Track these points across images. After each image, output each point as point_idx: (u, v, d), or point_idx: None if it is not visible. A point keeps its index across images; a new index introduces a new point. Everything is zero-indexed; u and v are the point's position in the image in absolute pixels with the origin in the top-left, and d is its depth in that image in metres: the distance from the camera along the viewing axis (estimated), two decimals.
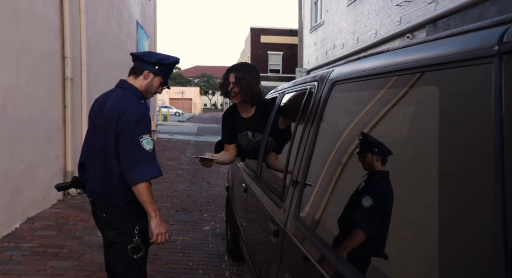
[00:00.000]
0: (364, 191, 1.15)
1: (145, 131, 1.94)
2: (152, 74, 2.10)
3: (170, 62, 2.13)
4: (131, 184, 1.91)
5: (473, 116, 0.75)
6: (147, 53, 2.12)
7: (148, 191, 1.93)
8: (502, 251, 0.63)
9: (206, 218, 4.89)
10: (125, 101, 1.99)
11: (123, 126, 1.91)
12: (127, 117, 1.92)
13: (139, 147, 1.91)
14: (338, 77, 1.52)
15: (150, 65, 2.09)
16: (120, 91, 2.07)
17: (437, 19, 7.58)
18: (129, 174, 1.90)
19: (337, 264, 1.11)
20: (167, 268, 3.35)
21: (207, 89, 64.03)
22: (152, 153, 1.96)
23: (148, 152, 1.93)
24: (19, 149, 4.06)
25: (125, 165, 1.91)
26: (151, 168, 1.93)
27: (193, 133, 17.68)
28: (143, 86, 2.11)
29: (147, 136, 1.94)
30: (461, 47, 0.82)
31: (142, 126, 1.93)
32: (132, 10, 9.04)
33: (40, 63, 4.48)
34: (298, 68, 15.18)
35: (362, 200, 1.12)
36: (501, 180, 0.65)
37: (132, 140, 1.90)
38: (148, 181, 1.92)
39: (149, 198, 1.95)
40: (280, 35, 33.70)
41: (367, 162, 1.16)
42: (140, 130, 1.92)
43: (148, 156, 1.93)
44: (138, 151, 1.90)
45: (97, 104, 2.11)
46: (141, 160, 1.90)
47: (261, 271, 2.05)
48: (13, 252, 3.42)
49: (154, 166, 1.96)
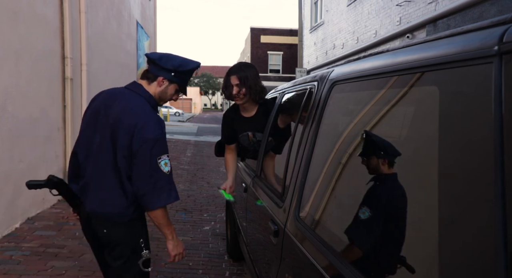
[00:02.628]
0: (369, 199, 1.07)
1: (163, 152, 1.76)
2: (167, 81, 1.90)
3: (188, 69, 1.93)
4: (147, 209, 1.79)
5: (473, 116, 0.75)
6: (163, 57, 1.89)
7: (165, 215, 1.80)
8: (502, 251, 0.63)
9: (206, 218, 4.89)
10: (140, 113, 1.78)
11: (140, 145, 1.72)
12: (144, 135, 1.72)
13: (157, 169, 1.73)
14: (338, 77, 1.52)
15: (166, 71, 1.88)
16: (133, 96, 1.85)
17: (437, 19, 7.58)
18: (146, 199, 1.75)
19: (337, 264, 1.11)
20: (167, 268, 3.35)
21: (207, 89, 64.02)
22: (170, 175, 1.79)
23: (166, 175, 1.76)
24: (19, 149, 4.06)
25: (141, 188, 1.74)
26: (169, 193, 1.77)
27: (193, 133, 17.68)
28: (157, 93, 1.91)
29: (165, 157, 1.76)
30: (461, 47, 0.82)
31: (161, 146, 1.76)
32: (132, 10, 9.04)
33: (40, 63, 4.48)
34: (298, 68, 15.18)
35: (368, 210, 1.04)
36: (501, 180, 0.65)
37: (150, 162, 1.72)
38: (165, 206, 1.79)
39: (165, 222, 1.82)
40: (280, 35, 33.69)
41: (372, 165, 1.09)
42: (158, 151, 1.74)
43: (166, 179, 1.76)
44: (155, 173, 1.73)
45: (99, 102, 1.87)
46: (158, 184, 1.74)
47: (261, 271, 2.05)
48: (13, 252, 3.42)
49: (172, 190, 1.79)
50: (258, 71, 2.49)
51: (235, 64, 2.50)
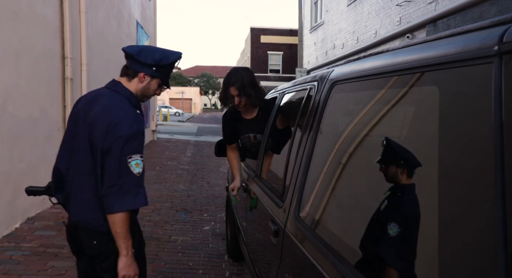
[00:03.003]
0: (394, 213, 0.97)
1: (136, 151, 1.62)
2: (148, 77, 1.78)
3: (170, 62, 1.81)
4: (106, 211, 1.59)
5: (473, 116, 0.75)
6: (142, 51, 1.76)
7: (125, 223, 1.60)
8: (502, 251, 0.63)
9: (206, 218, 4.88)
10: (118, 111, 1.67)
11: (111, 142, 1.59)
12: (117, 131, 1.60)
13: (126, 169, 1.59)
14: (338, 77, 1.52)
15: (147, 66, 1.76)
16: (112, 95, 1.75)
17: (437, 19, 7.58)
18: (107, 200, 1.58)
19: (337, 264, 1.11)
20: (167, 268, 3.35)
21: (207, 89, 64.02)
22: (140, 178, 1.63)
23: (136, 177, 1.61)
24: (19, 149, 4.06)
25: (106, 189, 1.58)
26: (135, 197, 1.60)
27: (193, 133, 17.68)
28: (139, 90, 1.80)
29: (137, 157, 1.62)
30: (461, 47, 0.82)
31: (134, 145, 1.62)
32: (132, 10, 9.04)
33: (40, 63, 4.48)
34: (298, 68, 15.18)
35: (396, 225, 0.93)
36: (501, 180, 0.65)
37: (120, 161, 1.59)
38: (128, 211, 1.60)
39: (124, 231, 1.61)
40: (280, 35, 33.70)
41: (391, 173, 1.00)
42: (129, 150, 1.60)
43: (134, 181, 1.60)
44: (124, 174, 1.58)
45: (81, 105, 1.77)
46: (125, 186, 1.58)
47: (261, 271, 2.05)
48: (13, 252, 3.42)
49: (140, 195, 1.62)
50: (252, 72, 2.51)
51: (230, 72, 2.48)
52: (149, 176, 7.09)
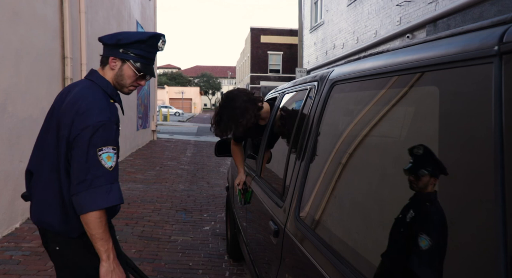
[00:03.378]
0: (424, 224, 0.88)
1: (106, 142, 1.44)
2: (119, 61, 1.59)
3: (132, 41, 1.57)
4: (77, 211, 1.41)
5: (473, 116, 0.75)
6: (110, 34, 1.61)
7: (99, 223, 1.41)
8: (502, 251, 0.63)
9: (206, 218, 4.89)
10: (87, 99, 1.50)
11: (77, 133, 1.42)
12: (84, 121, 1.43)
13: (97, 163, 1.41)
14: (338, 77, 1.52)
15: (112, 48, 1.58)
16: (86, 85, 1.59)
17: (437, 19, 7.58)
18: (77, 199, 1.40)
19: (337, 264, 1.11)
20: (167, 268, 3.35)
21: (207, 89, 64.05)
22: (113, 172, 1.44)
23: (108, 171, 1.42)
24: (19, 149, 4.06)
25: (73, 186, 1.41)
26: (108, 193, 1.42)
27: (193, 133, 17.68)
28: (113, 78, 1.62)
29: (108, 149, 1.44)
30: (461, 47, 0.82)
31: (104, 135, 1.44)
32: (132, 10, 9.04)
33: (40, 63, 4.48)
34: (298, 68, 15.18)
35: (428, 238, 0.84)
36: (501, 180, 0.65)
37: (87, 153, 1.41)
38: (102, 210, 1.42)
39: (100, 233, 1.42)
40: (280, 35, 33.71)
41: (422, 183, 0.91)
42: (99, 141, 1.42)
43: (106, 176, 1.42)
44: (94, 169, 1.40)
45: (57, 98, 1.63)
46: (95, 182, 1.40)
47: (261, 271, 2.05)
48: (13, 252, 3.42)
49: (113, 191, 1.43)
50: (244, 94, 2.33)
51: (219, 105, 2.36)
52: (149, 176, 7.09)
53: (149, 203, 5.32)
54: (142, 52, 1.60)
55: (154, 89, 12.71)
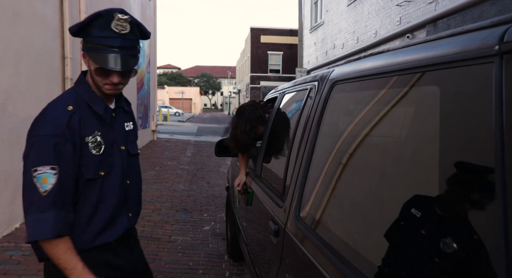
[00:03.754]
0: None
1: (42, 161, 1.20)
2: (86, 56, 1.32)
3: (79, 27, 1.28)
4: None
5: (474, 116, 0.75)
6: None
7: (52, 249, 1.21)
8: (502, 251, 0.63)
9: (206, 218, 4.89)
10: (45, 108, 1.30)
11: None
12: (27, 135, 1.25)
13: (31, 184, 1.19)
14: (338, 77, 1.51)
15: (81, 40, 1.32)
16: (68, 89, 1.42)
17: (437, 19, 7.58)
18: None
19: (338, 264, 1.11)
20: (167, 268, 3.35)
21: (207, 89, 64.07)
22: (48, 198, 1.19)
23: (40, 196, 1.18)
24: (19, 149, 4.06)
25: None
26: (34, 224, 1.19)
27: (193, 133, 17.69)
28: (90, 78, 1.38)
29: (46, 169, 1.19)
30: (462, 47, 0.82)
31: (38, 152, 1.20)
32: (132, 10, 9.04)
33: (40, 63, 4.48)
34: (298, 68, 15.19)
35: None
36: (501, 180, 0.65)
37: (24, 172, 1.22)
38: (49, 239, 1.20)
39: (57, 257, 1.22)
40: (280, 35, 33.71)
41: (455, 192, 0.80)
42: (35, 158, 1.20)
43: (38, 203, 1.18)
44: (29, 191, 1.20)
45: None
46: (30, 207, 1.20)
47: (261, 271, 2.05)
48: (13, 252, 3.42)
49: (41, 222, 1.18)
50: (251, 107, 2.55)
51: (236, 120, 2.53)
52: (149, 176, 7.09)
53: (149, 203, 5.32)
54: (94, 39, 1.27)
55: (154, 89, 12.72)
